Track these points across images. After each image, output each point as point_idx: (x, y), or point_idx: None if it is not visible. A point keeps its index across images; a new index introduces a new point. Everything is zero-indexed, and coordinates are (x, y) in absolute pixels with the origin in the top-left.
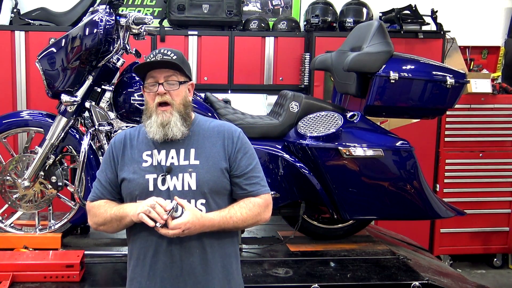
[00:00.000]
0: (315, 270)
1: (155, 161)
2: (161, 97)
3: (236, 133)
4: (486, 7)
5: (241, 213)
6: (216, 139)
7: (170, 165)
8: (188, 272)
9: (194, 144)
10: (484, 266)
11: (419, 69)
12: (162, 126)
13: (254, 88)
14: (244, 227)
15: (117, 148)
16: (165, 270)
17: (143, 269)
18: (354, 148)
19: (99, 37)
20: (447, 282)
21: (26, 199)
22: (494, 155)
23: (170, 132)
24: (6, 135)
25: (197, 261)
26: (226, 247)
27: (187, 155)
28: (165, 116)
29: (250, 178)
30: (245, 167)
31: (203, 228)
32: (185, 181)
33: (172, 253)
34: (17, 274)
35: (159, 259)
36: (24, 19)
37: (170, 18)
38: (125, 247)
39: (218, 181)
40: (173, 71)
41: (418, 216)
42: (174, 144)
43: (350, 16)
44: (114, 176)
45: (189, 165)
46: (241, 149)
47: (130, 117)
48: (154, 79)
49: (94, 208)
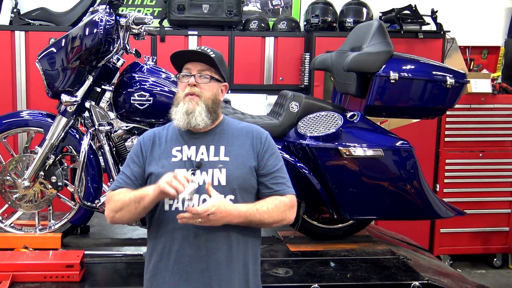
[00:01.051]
0: (315, 270)
1: (184, 156)
2: (191, 88)
3: (264, 134)
4: (486, 7)
5: (267, 207)
6: (245, 138)
7: (200, 160)
8: (214, 267)
9: (224, 142)
10: (484, 266)
11: (419, 69)
12: (186, 114)
13: (254, 88)
14: (269, 223)
15: (146, 144)
16: (190, 264)
17: (168, 264)
18: (354, 148)
19: (99, 37)
20: (447, 282)
21: (26, 199)
22: (494, 155)
23: (194, 120)
24: (6, 135)
25: (223, 256)
26: (249, 247)
27: (217, 151)
28: (191, 105)
29: (276, 178)
30: (271, 166)
31: (229, 217)
32: (215, 177)
33: (198, 247)
34: (17, 274)
35: (185, 253)
36: (24, 19)
37: (170, 18)
38: (125, 247)
39: (247, 179)
40: (208, 67)
41: (418, 216)
42: (204, 140)
43: (350, 16)
44: (140, 170)
45: (219, 161)
46: (269, 150)
47: (130, 117)
48: (188, 70)
49: (114, 195)
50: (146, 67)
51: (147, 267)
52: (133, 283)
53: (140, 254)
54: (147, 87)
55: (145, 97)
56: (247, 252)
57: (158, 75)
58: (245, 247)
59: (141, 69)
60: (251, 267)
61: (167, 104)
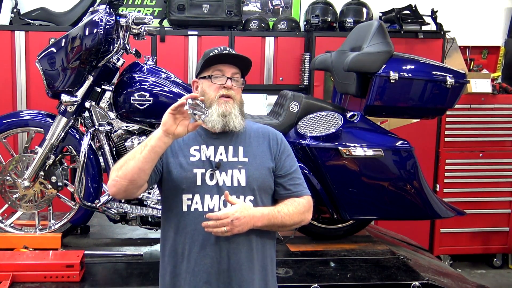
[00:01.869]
0: (315, 270)
1: (203, 156)
2: (227, 91)
3: (280, 136)
4: (486, 7)
5: (287, 209)
6: (262, 139)
7: (219, 161)
8: (235, 268)
9: (242, 142)
10: (484, 266)
11: (419, 69)
12: (223, 115)
13: (254, 88)
14: (289, 225)
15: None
16: (212, 265)
17: (188, 265)
18: (354, 148)
19: (99, 37)
20: (447, 282)
21: (26, 199)
22: (494, 155)
23: (232, 123)
24: (6, 135)
25: (244, 257)
26: (266, 249)
27: (235, 152)
28: (227, 107)
29: (293, 179)
30: (289, 167)
31: (253, 220)
32: (235, 177)
33: (220, 248)
34: (17, 274)
35: (207, 254)
36: (24, 19)
37: (170, 18)
38: (125, 247)
39: (266, 179)
40: (238, 70)
41: (418, 216)
42: (222, 141)
43: (350, 16)
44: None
45: (238, 162)
46: (285, 151)
47: (130, 117)
48: (221, 72)
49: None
50: (146, 67)
51: (165, 269)
52: (133, 283)
53: (140, 254)
54: (147, 87)
55: (145, 97)
56: (266, 253)
57: (158, 75)
58: (264, 248)
59: (141, 69)
60: (270, 268)
61: (167, 104)
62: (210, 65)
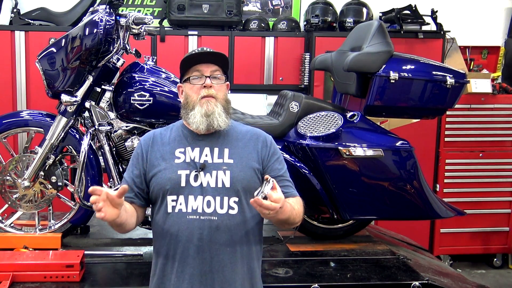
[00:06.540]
0: (315, 270)
1: (188, 157)
2: (207, 90)
3: (269, 138)
4: (486, 7)
5: (297, 207)
6: (248, 141)
7: (204, 162)
8: (217, 269)
9: (228, 144)
10: (484, 266)
11: (419, 69)
12: (206, 115)
13: (254, 88)
14: (293, 224)
15: (145, 145)
16: (194, 266)
17: (173, 266)
18: (354, 148)
19: (99, 37)
20: (447, 282)
21: (26, 199)
22: (494, 155)
23: (216, 122)
24: (6, 135)
25: (226, 258)
26: (253, 250)
27: (221, 153)
28: (209, 106)
29: (283, 181)
30: (278, 170)
31: (286, 210)
32: (219, 178)
33: (202, 249)
34: (17, 274)
35: (189, 255)
36: (24, 19)
37: (170, 18)
38: (125, 247)
39: (251, 180)
40: (218, 67)
41: (418, 216)
42: (207, 142)
43: (350, 16)
44: (140, 173)
45: (223, 163)
46: (275, 153)
47: (130, 117)
48: (199, 72)
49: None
50: (146, 67)
51: (153, 270)
52: (133, 283)
53: (140, 254)
54: (147, 87)
55: (145, 97)
56: (251, 253)
57: (158, 75)
58: (249, 249)
59: (141, 69)
60: (256, 268)
61: (167, 104)
62: (189, 67)
